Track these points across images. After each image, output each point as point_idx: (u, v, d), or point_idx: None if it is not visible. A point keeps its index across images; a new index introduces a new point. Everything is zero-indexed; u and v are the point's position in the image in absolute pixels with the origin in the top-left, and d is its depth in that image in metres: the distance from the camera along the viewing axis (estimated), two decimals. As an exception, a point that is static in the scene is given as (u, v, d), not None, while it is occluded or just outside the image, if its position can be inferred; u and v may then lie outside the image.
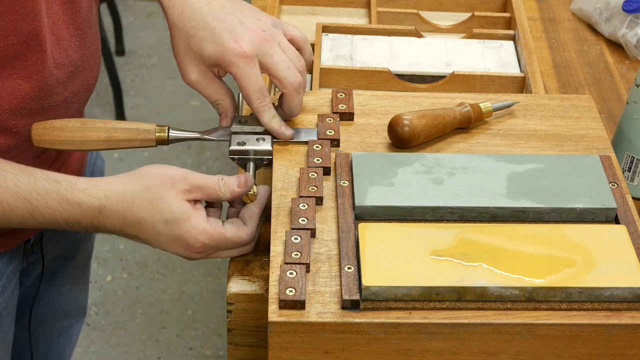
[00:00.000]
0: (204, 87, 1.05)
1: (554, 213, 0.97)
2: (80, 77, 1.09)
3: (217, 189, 0.97)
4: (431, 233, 0.93)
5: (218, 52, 1.01)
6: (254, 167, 1.04)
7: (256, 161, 1.04)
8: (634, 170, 1.16)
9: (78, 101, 1.11)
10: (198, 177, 0.96)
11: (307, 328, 0.86)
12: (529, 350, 0.88)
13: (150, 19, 3.23)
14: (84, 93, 1.12)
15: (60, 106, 1.07)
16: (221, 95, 1.06)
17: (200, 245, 0.96)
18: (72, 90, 1.08)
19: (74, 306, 1.44)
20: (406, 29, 1.34)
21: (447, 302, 0.88)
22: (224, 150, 2.74)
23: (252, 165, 1.04)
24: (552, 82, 1.36)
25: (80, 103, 1.12)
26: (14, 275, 1.16)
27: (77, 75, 1.08)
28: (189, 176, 0.96)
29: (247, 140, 1.04)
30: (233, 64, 1.01)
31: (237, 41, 1.00)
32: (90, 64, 1.12)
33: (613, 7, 1.44)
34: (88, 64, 1.11)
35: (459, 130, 1.08)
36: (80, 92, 1.11)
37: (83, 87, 1.11)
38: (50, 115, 1.06)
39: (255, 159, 1.04)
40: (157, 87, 2.95)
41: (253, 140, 1.04)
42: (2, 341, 1.16)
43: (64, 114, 1.08)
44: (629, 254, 0.91)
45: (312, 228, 0.94)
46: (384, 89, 1.26)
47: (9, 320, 1.17)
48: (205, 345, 2.22)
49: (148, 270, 2.39)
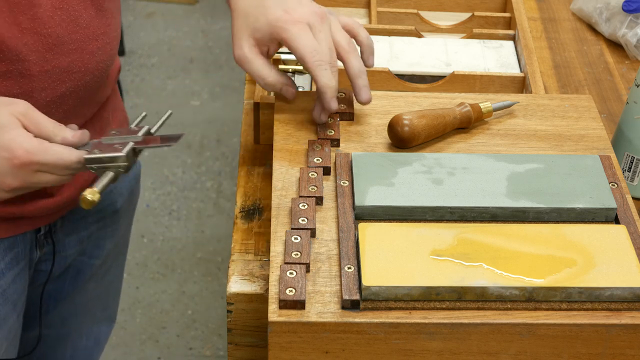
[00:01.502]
0: (249, 61, 1.05)
1: (554, 213, 0.97)
2: (68, 58, 1.06)
3: (52, 128, 0.96)
4: (431, 233, 0.93)
5: (269, 22, 1.02)
6: (111, 178, 0.97)
7: (114, 170, 0.98)
8: (634, 170, 1.16)
9: (69, 84, 1.08)
10: (39, 114, 0.97)
11: (307, 328, 0.86)
12: (529, 350, 0.88)
13: (150, 19, 3.23)
14: (79, 81, 1.09)
15: (37, 78, 1.04)
16: (268, 72, 1.05)
17: (24, 153, 0.94)
18: (54, 66, 1.05)
19: (102, 309, 1.44)
20: (406, 29, 1.34)
21: (447, 302, 0.88)
22: (224, 150, 2.74)
23: (110, 175, 0.97)
24: (552, 82, 1.36)
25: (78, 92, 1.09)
26: (17, 264, 1.16)
27: (60, 52, 1.05)
28: (31, 108, 0.97)
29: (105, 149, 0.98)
30: (282, 29, 1.02)
31: (287, 12, 1.02)
32: (89, 49, 1.08)
33: (613, 7, 1.44)
34: (83, 47, 1.07)
35: (459, 130, 1.08)
36: (72, 75, 1.07)
37: (76, 71, 1.08)
38: (26, 86, 1.04)
39: (112, 167, 0.98)
40: (157, 87, 2.95)
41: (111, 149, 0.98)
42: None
43: (49, 87, 1.05)
44: (629, 254, 0.91)
45: (312, 228, 0.94)
46: (384, 89, 1.26)
47: (8, 307, 1.17)
48: (205, 345, 2.22)
49: (148, 270, 2.39)
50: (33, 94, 1.04)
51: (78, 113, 1.12)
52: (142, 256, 2.42)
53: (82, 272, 1.32)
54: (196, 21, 3.24)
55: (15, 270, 1.16)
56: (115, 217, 1.33)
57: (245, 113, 1.26)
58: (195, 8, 3.30)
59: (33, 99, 1.04)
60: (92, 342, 1.45)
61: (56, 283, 1.30)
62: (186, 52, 3.10)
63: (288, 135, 1.07)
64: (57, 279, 1.29)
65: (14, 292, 1.17)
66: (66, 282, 1.31)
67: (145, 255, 2.42)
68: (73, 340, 1.42)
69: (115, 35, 1.14)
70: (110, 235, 1.34)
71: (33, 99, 1.04)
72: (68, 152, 0.96)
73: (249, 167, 1.19)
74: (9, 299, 1.16)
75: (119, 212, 1.33)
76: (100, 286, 1.40)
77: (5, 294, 1.16)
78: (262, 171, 1.18)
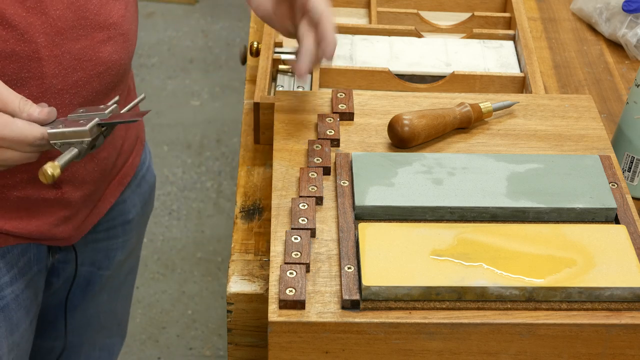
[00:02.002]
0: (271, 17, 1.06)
1: (554, 213, 0.97)
2: (77, 44, 1.05)
3: (17, 102, 0.94)
4: (431, 233, 0.93)
5: None
6: (74, 154, 0.94)
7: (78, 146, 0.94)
8: (634, 170, 1.16)
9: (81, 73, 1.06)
10: (4, 88, 0.94)
11: (307, 328, 0.86)
12: (529, 350, 0.88)
13: (150, 19, 3.23)
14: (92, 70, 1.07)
15: (47, 62, 1.03)
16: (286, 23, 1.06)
17: None
18: (64, 51, 1.04)
19: (114, 321, 1.43)
20: (406, 29, 1.34)
21: (447, 302, 0.88)
22: (224, 150, 2.74)
23: (74, 152, 0.94)
24: (552, 82, 1.36)
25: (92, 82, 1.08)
26: (30, 270, 1.16)
27: (69, 37, 1.04)
28: None
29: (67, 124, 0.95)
30: None
31: None
32: (100, 38, 1.06)
33: (613, 7, 1.44)
34: (93, 35, 1.06)
35: (459, 130, 1.08)
36: (83, 63, 1.06)
37: (87, 59, 1.06)
38: (36, 70, 1.02)
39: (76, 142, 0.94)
40: (157, 87, 2.95)
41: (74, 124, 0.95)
42: (10, 334, 1.16)
43: (60, 73, 1.04)
44: (629, 254, 0.91)
45: (312, 228, 0.94)
46: (384, 89, 1.26)
47: (20, 314, 1.16)
48: (205, 345, 2.22)
49: (148, 270, 2.39)
50: (45, 80, 1.03)
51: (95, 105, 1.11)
52: (142, 256, 2.42)
53: (92, 283, 1.31)
54: (196, 21, 3.24)
55: (28, 276, 1.16)
56: (127, 227, 1.31)
57: (245, 113, 1.26)
58: (195, 8, 3.30)
59: (45, 86, 1.03)
60: (105, 353, 1.44)
61: (63, 291, 1.29)
62: (186, 52, 3.10)
63: (288, 135, 1.07)
64: (64, 287, 1.28)
65: (26, 298, 1.16)
66: (76, 292, 1.30)
67: (145, 255, 2.42)
68: (86, 352, 1.41)
69: (130, 28, 1.11)
70: (121, 246, 1.32)
71: (45, 86, 1.03)
72: (30, 127, 0.93)
73: (249, 167, 1.19)
74: (22, 304, 1.16)
75: (130, 223, 1.31)
76: (115, 300, 1.38)
77: (18, 300, 1.15)
78: (262, 171, 1.18)
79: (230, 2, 3.34)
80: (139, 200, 1.32)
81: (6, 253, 1.12)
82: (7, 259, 1.12)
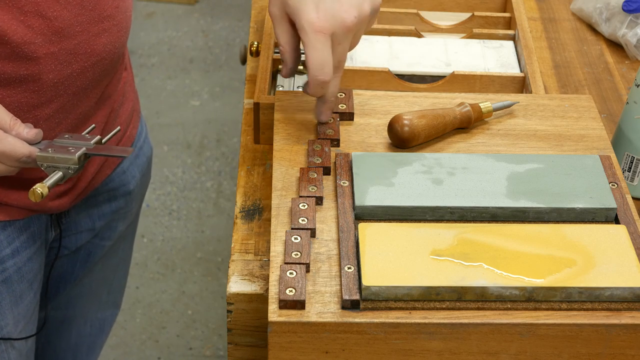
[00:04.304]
0: (276, 23, 1.02)
1: (554, 213, 0.97)
2: (74, 40, 1.06)
3: (9, 121, 0.99)
4: (431, 233, 0.93)
5: (297, 10, 0.98)
6: (59, 177, 1.00)
7: (63, 170, 1.00)
8: (634, 170, 1.16)
9: (76, 66, 1.07)
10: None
11: (307, 328, 0.86)
12: (529, 350, 0.88)
13: (150, 19, 3.23)
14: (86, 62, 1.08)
15: (44, 60, 1.04)
16: (284, 41, 1.03)
17: None
18: (61, 48, 1.05)
19: (107, 293, 1.46)
20: (406, 29, 1.34)
21: (447, 302, 0.88)
22: (224, 150, 2.74)
23: (59, 175, 1.00)
24: (552, 82, 1.36)
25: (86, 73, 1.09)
26: (33, 243, 1.18)
27: (67, 34, 1.05)
28: None
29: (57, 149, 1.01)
30: (303, 32, 0.98)
31: (318, 16, 0.97)
32: (95, 31, 1.07)
33: (613, 7, 1.44)
34: (89, 29, 1.07)
35: (459, 130, 1.08)
36: (79, 56, 1.07)
37: (83, 53, 1.07)
38: (33, 68, 1.04)
39: (62, 167, 1.00)
40: (157, 87, 2.95)
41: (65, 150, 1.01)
42: (15, 305, 1.18)
43: (56, 69, 1.05)
44: (629, 254, 0.91)
45: (312, 228, 0.94)
46: (384, 89, 1.26)
47: (23, 286, 1.19)
48: (205, 345, 2.23)
49: (148, 270, 2.39)
50: (41, 76, 1.05)
51: (88, 94, 1.12)
52: (142, 256, 2.42)
53: (93, 254, 1.34)
54: (196, 21, 3.25)
55: (32, 249, 1.18)
56: (129, 198, 1.34)
57: (245, 113, 1.26)
58: (195, 8, 3.30)
59: (41, 81, 1.05)
60: (96, 329, 1.47)
61: (67, 264, 1.32)
62: (186, 52, 3.10)
63: (288, 135, 1.07)
64: (68, 261, 1.31)
65: (29, 271, 1.19)
66: (77, 264, 1.33)
67: (145, 255, 2.42)
68: (78, 326, 1.43)
69: (124, 17, 1.12)
70: (123, 217, 1.35)
71: (41, 81, 1.05)
72: (21, 145, 0.98)
73: (249, 167, 1.19)
74: (25, 276, 1.18)
75: (131, 193, 1.34)
76: (107, 268, 1.41)
77: (21, 272, 1.17)
78: (262, 171, 1.18)
79: (230, 2, 3.34)
80: (138, 171, 1.35)
81: (7, 226, 1.14)
82: (7, 231, 1.14)
